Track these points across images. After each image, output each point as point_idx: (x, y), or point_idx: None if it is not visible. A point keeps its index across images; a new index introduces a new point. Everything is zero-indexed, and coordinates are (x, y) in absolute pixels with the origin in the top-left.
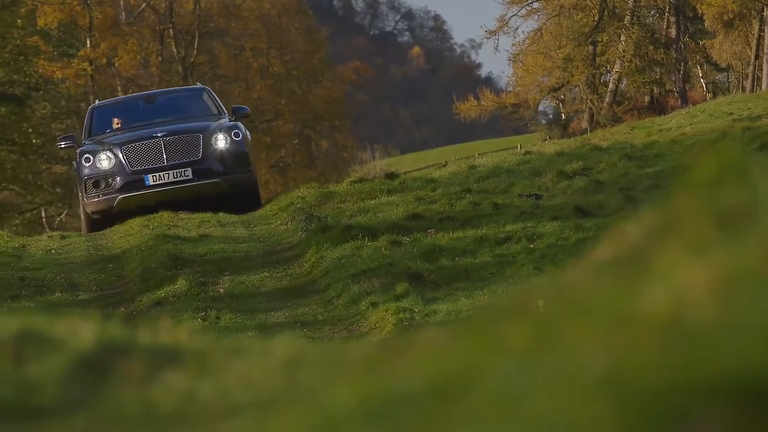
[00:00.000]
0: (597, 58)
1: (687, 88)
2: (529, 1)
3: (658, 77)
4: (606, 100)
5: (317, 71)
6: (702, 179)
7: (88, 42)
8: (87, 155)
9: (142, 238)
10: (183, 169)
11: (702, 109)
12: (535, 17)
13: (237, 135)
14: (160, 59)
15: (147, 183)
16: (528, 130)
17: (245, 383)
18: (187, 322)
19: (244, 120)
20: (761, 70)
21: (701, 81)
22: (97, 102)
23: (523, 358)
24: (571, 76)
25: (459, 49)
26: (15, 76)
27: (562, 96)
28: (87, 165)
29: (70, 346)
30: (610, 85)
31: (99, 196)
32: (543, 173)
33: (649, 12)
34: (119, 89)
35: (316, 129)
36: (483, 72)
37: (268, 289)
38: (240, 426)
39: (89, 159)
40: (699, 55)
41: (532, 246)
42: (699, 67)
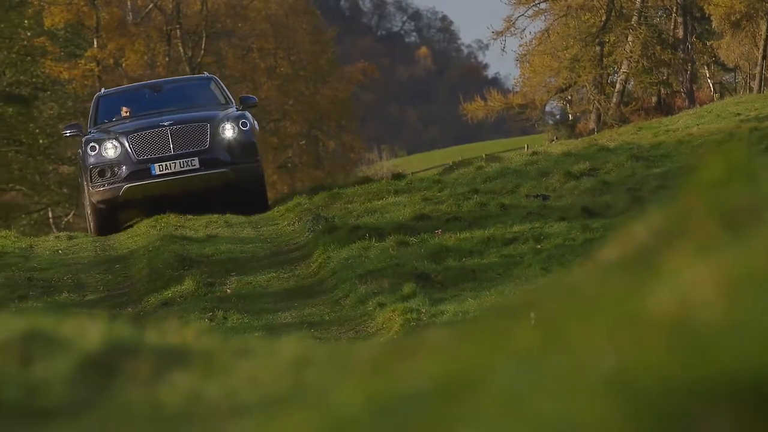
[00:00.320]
0: (604, 58)
1: (694, 88)
2: (536, 2)
3: (665, 78)
4: (613, 100)
5: (324, 72)
6: (709, 180)
7: (95, 42)
8: (92, 144)
9: (149, 238)
10: (190, 159)
11: (709, 110)
12: (543, 18)
13: (245, 125)
14: (167, 60)
15: (153, 172)
16: (535, 130)
17: (252, 383)
18: (194, 322)
19: (251, 110)
20: None
21: (708, 81)
22: (103, 90)
23: (530, 358)
24: (579, 76)
25: (466, 50)
26: (22, 76)
27: (569, 96)
28: (92, 154)
29: (77, 346)
30: (617, 86)
31: (104, 185)
32: (550, 174)
33: (657, 12)
34: None
35: (323, 129)
36: (490, 72)
37: (275, 290)
38: (247, 426)
39: (95, 148)
40: (706, 56)
41: (539, 246)
42: (706, 68)
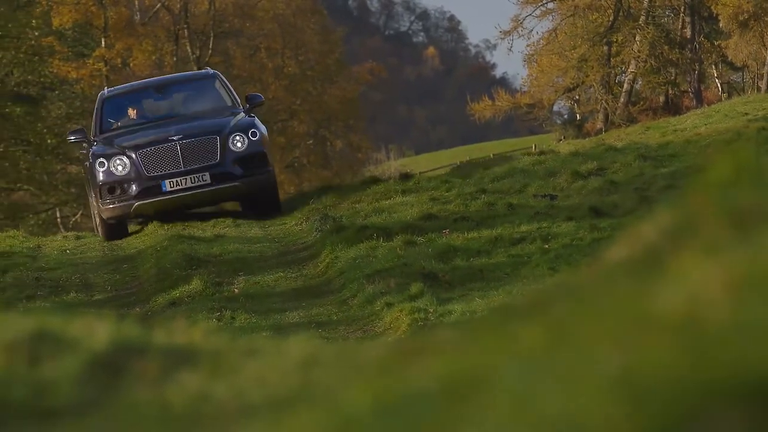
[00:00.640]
0: (612, 58)
1: (702, 88)
2: (544, 2)
3: (673, 77)
4: (621, 100)
5: (332, 72)
6: (717, 180)
7: (103, 42)
8: (101, 159)
9: (156, 238)
10: (200, 174)
11: (717, 110)
12: (550, 17)
13: (254, 134)
14: (174, 59)
15: (164, 189)
16: (543, 130)
17: (260, 383)
18: (202, 322)
19: (258, 109)
20: None
21: (716, 81)
22: (106, 90)
23: (537, 358)
24: (586, 76)
25: (474, 50)
26: (30, 76)
27: (576, 96)
28: (101, 170)
29: (85, 346)
30: (624, 86)
31: (115, 202)
32: (558, 173)
33: (664, 12)
34: None
35: (330, 129)
36: (498, 72)
37: (282, 290)
38: (255, 426)
39: (103, 164)
40: (714, 55)
41: (546, 246)
42: (714, 68)
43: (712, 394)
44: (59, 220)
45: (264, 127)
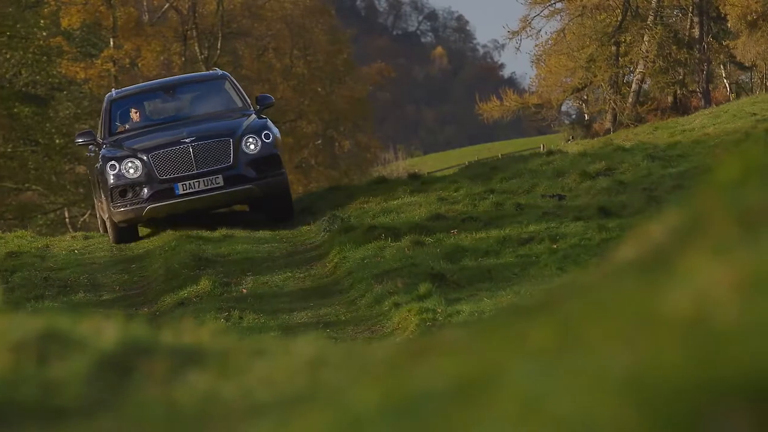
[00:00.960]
0: (620, 58)
1: (710, 88)
2: (552, 2)
3: (681, 77)
4: (629, 100)
5: (341, 72)
6: (725, 180)
7: (111, 42)
8: (112, 162)
9: (165, 238)
10: (214, 177)
11: (725, 110)
12: (558, 17)
13: (267, 136)
14: (183, 60)
15: (177, 192)
16: (551, 130)
17: (268, 383)
18: (210, 322)
19: (266, 110)
20: None
21: (724, 81)
22: (114, 92)
23: (546, 358)
24: (594, 76)
25: (482, 50)
26: (38, 76)
27: (585, 96)
28: (113, 173)
29: (93, 346)
30: (633, 86)
31: (126, 205)
32: (566, 173)
33: (673, 12)
34: None
35: (339, 129)
36: (506, 72)
37: (290, 290)
38: (263, 426)
39: (114, 167)
40: (722, 55)
41: (555, 246)
42: (722, 67)
43: (720, 393)
44: (68, 220)
45: (276, 129)
